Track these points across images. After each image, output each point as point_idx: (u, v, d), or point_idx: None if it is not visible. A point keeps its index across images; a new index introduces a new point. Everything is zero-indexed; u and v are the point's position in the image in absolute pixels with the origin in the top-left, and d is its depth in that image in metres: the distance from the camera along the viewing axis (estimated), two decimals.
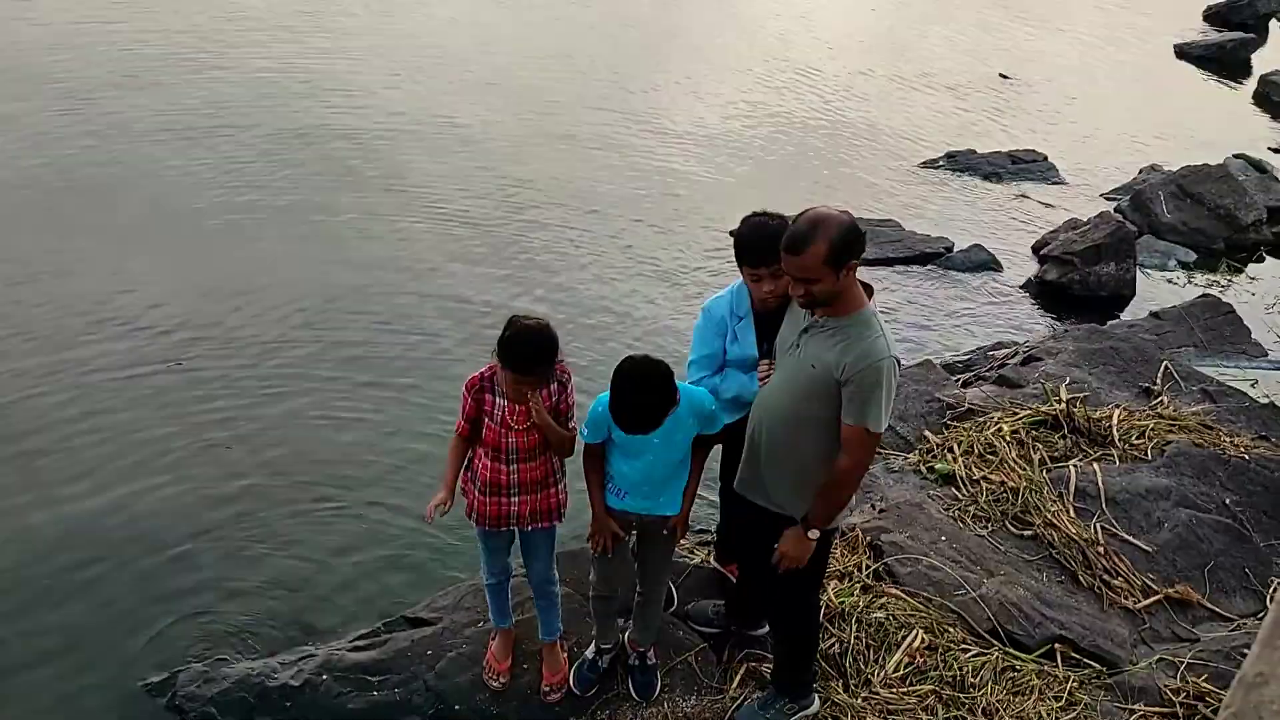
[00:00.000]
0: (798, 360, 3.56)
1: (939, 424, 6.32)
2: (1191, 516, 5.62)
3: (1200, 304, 8.26)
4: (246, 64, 11.20)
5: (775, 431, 3.67)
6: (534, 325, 3.65)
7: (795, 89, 12.87)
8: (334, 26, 12.79)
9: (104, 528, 5.13)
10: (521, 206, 8.97)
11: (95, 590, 4.79)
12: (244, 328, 6.78)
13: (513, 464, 3.85)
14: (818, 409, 3.52)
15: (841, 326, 3.46)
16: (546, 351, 3.64)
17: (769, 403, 3.69)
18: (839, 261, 3.33)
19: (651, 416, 3.61)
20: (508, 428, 3.80)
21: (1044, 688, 4.49)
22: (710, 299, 4.10)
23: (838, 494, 3.62)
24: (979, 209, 10.36)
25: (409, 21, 13.47)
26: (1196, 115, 13.89)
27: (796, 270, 3.37)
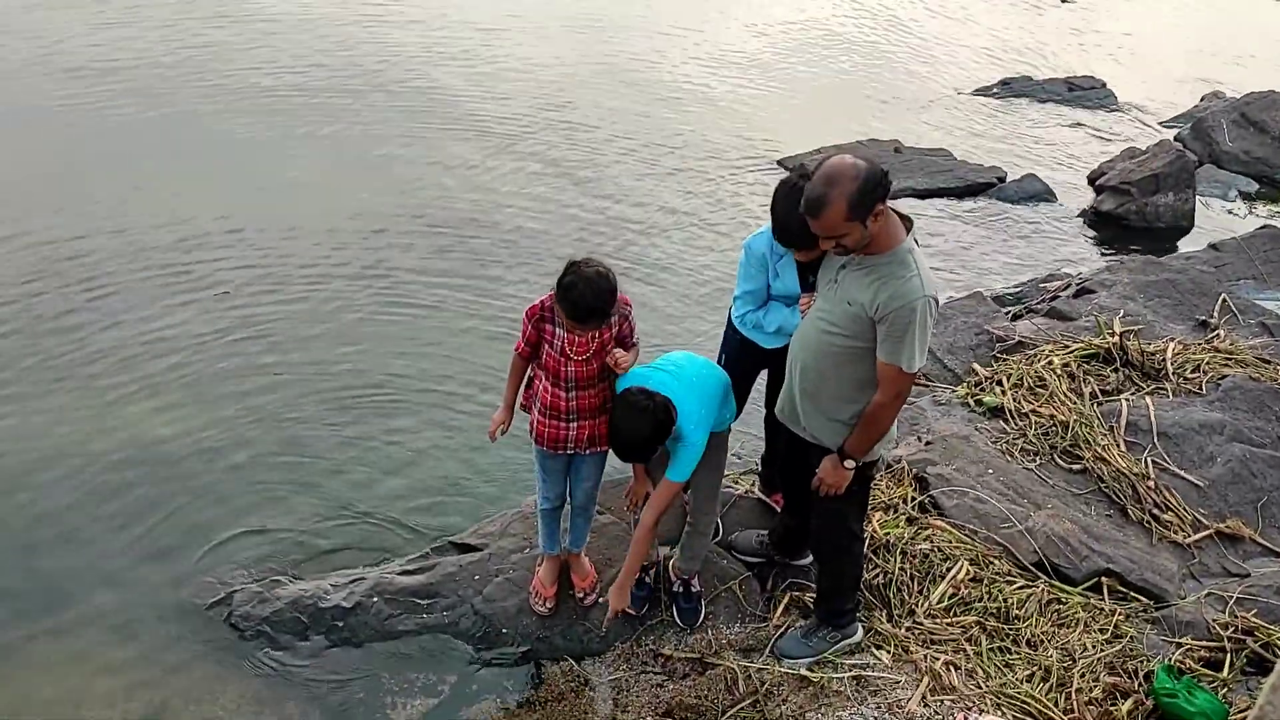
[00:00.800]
0: (836, 295, 3.54)
1: (988, 357, 6.25)
2: (1245, 451, 5.53)
3: (1261, 235, 8.04)
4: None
5: (810, 363, 3.67)
6: (591, 275, 3.59)
7: (846, 14, 12.57)
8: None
9: (160, 452, 5.23)
10: (576, 136, 8.92)
11: (153, 513, 4.89)
12: (294, 256, 6.84)
13: (571, 391, 3.89)
14: (852, 343, 3.52)
15: (876, 265, 3.43)
16: (603, 303, 3.63)
17: (806, 335, 3.69)
18: (862, 213, 3.28)
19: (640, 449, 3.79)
20: (567, 357, 3.82)
21: (1089, 620, 4.48)
22: (751, 236, 4.08)
23: (873, 428, 3.62)
24: (1033, 138, 10.12)
25: None
26: (1264, 39, 13.39)
27: (820, 230, 3.35)
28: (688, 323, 6.56)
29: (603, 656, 4.30)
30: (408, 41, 10.54)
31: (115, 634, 4.33)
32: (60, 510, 4.86)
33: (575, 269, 3.63)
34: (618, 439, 3.77)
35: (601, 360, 3.85)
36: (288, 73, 9.51)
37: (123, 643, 4.30)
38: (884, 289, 3.39)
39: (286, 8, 10.90)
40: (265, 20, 10.55)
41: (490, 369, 5.87)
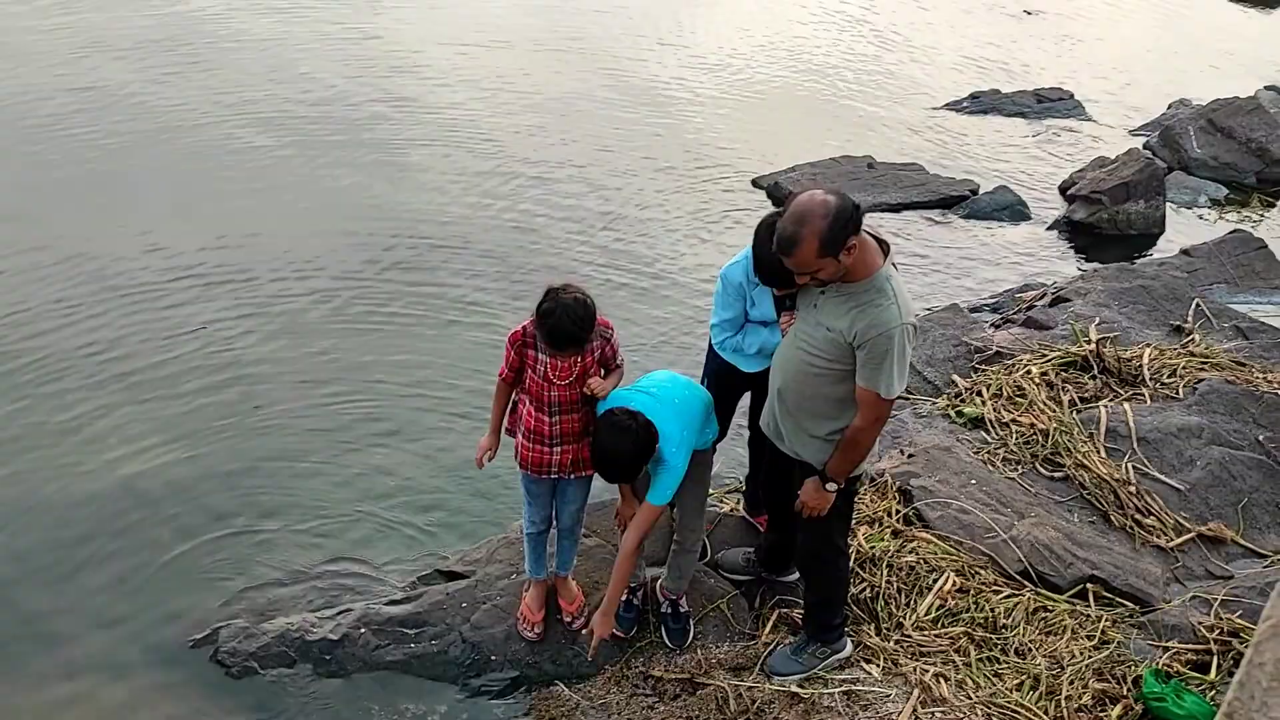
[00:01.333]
0: (815, 320, 3.58)
1: (967, 368, 6.29)
2: (1224, 454, 5.58)
3: (1231, 240, 8.14)
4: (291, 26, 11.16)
5: (790, 384, 3.71)
6: (569, 302, 3.62)
7: (814, 34, 12.69)
8: None
9: (141, 487, 5.20)
10: (552, 155, 8.94)
11: (135, 551, 4.85)
12: (270, 284, 6.81)
13: (554, 415, 3.91)
14: (832, 366, 3.56)
15: (854, 293, 3.46)
16: (581, 330, 3.67)
17: (787, 356, 3.73)
18: (834, 248, 3.31)
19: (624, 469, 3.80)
20: (550, 382, 3.84)
21: (1076, 627, 4.50)
22: (727, 265, 4.13)
23: (853, 451, 3.66)
24: (1004, 150, 10.22)
25: None
26: (1226, 46, 13.59)
27: (794, 267, 3.40)
28: (666, 340, 6.58)
29: (593, 680, 4.28)
30: (382, 60, 10.56)
31: (102, 675, 4.29)
32: (41, 550, 4.82)
33: (554, 295, 3.65)
34: (601, 459, 3.78)
35: (583, 387, 3.88)
36: (260, 95, 9.51)
37: (110, 684, 4.26)
38: (862, 317, 3.42)
39: (260, 29, 10.91)
40: (236, 43, 10.55)
41: (472, 396, 5.87)
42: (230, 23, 11.19)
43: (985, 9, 14.13)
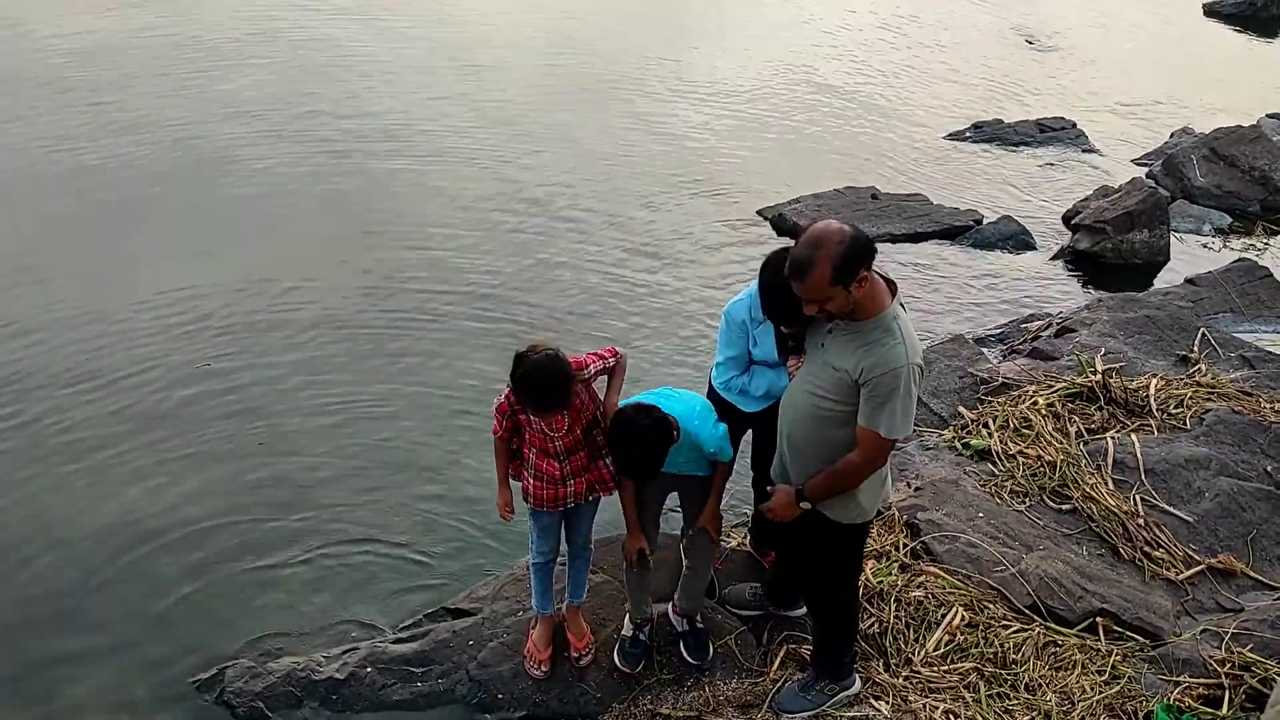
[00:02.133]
0: (821, 360, 3.57)
1: (973, 399, 6.29)
2: (1232, 485, 5.56)
3: (1236, 268, 8.14)
4: (266, 59, 11.27)
5: (798, 426, 3.69)
6: (542, 362, 3.65)
7: (817, 66, 12.77)
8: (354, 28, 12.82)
9: (147, 525, 5.19)
10: (551, 184, 8.98)
11: (140, 588, 4.85)
12: (274, 325, 6.82)
13: (564, 460, 3.98)
14: (839, 408, 3.53)
15: (861, 331, 3.45)
16: (561, 389, 3.69)
17: (795, 399, 3.70)
18: (845, 278, 3.30)
19: (646, 465, 3.79)
20: (549, 435, 3.91)
21: (1086, 662, 4.47)
22: (731, 302, 4.14)
23: (839, 480, 3.60)
24: (1008, 180, 10.25)
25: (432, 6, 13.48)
26: (1227, 75, 13.65)
27: (805, 294, 3.36)
28: (667, 373, 6.56)
29: (600, 718, 4.26)
30: (379, 85, 10.64)
31: (106, 715, 4.27)
32: (48, 590, 4.82)
33: (523, 361, 3.68)
34: (623, 449, 3.78)
35: (584, 423, 3.94)
36: (246, 122, 9.60)
37: None
38: (868, 355, 3.41)
39: (251, 53, 11.02)
40: (226, 67, 10.65)
41: (479, 431, 5.86)
42: (217, 46, 11.30)
43: (987, 40, 14.22)
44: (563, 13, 13.82)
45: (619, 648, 4.42)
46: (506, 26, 13.09)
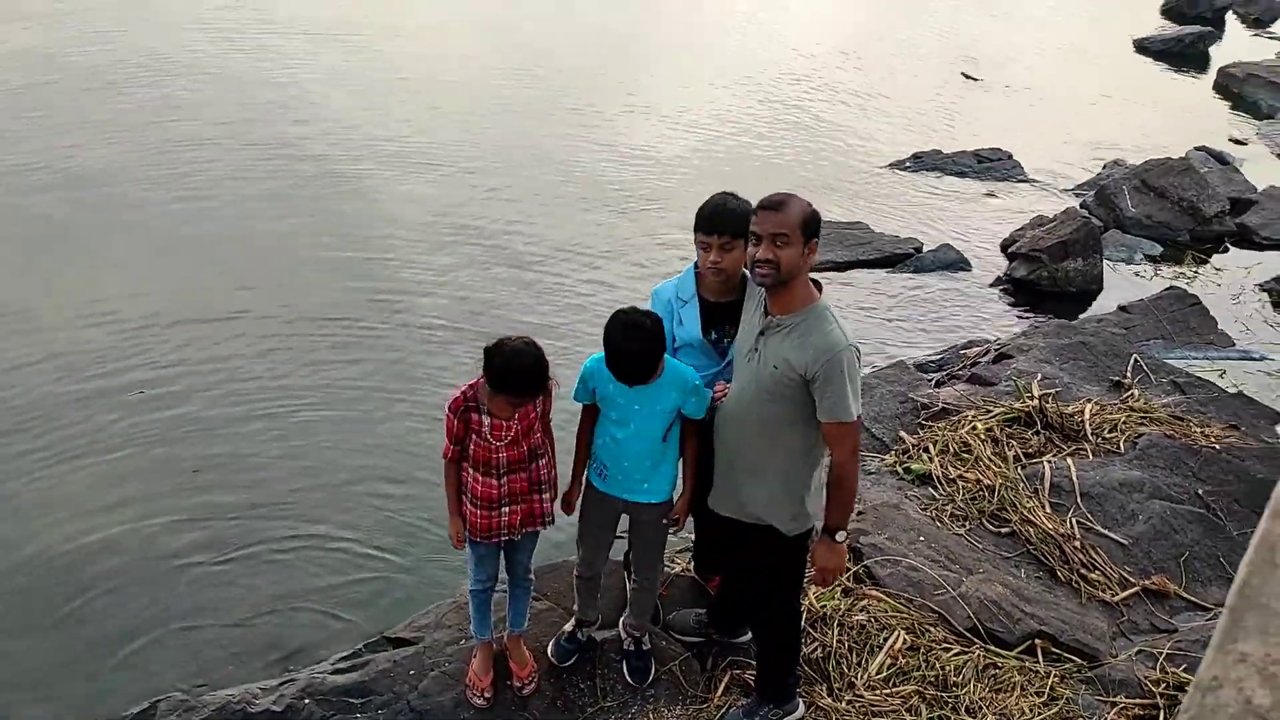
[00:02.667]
0: (759, 364, 3.58)
1: (914, 424, 6.36)
2: (1165, 508, 5.68)
3: (1167, 296, 8.36)
4: (208, 76, 11.14)
5: (748, 439, 3.68)
6: (522, 348, 3.64)
7: (759, 97, 12.93)
8: (300, 49, 12.74)
9: (76, 558, 5.07)
10: (493, 219, 8.97)
11: (71, 621, 4.73)
12: (209, 353, 6.73)
13: (503, 477, 3.90)
14: (788, 408, 3.55)
15: (796, 324, 3.50)
16: (541, 372, 3.69)
17: (736, 412, 3.70)
18: (809, 230, 3.45)
19: (641, 365, 3.65)
20: (493, 444, 3.83)
21: (1025, 684, 4.52)
22: (659, 284, 4.14)
23: (844, 491, 3.61)
24: (946, 209, 10.44)
25: (376, 33, 13.44)
26: (1158, 109, 14.06)
27: (774, 225, 3.42)
28: None
29: None
30: (331, 104, 10.58)
31: None
32: None
33: (502, 345, 3.66)
34: (619, 360, 3.64)
35: (529, 443, 3.87)
36: (192, 146, 9.49)
37: None
38: (809, 344, 3.45)
39: (201, 71, 10.90)
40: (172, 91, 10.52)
41: (416, 459, 5.82)
42: (164, 63, 11.17)
43: (926, 73, 14.51)
44: (518, 35, 13.87)
45: (555, 640, 4.43)
46: (459, 48, 13.08)
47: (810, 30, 15.87)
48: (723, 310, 3.91)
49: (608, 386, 3.83)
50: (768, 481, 3.69)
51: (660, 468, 3.95)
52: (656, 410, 3.82)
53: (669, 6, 16.23)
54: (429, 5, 14.84)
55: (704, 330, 3.95)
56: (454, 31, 13.97)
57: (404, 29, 13.75)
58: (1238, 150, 12.53)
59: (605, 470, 3.98)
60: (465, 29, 14.06)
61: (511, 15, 14.72)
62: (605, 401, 3.86)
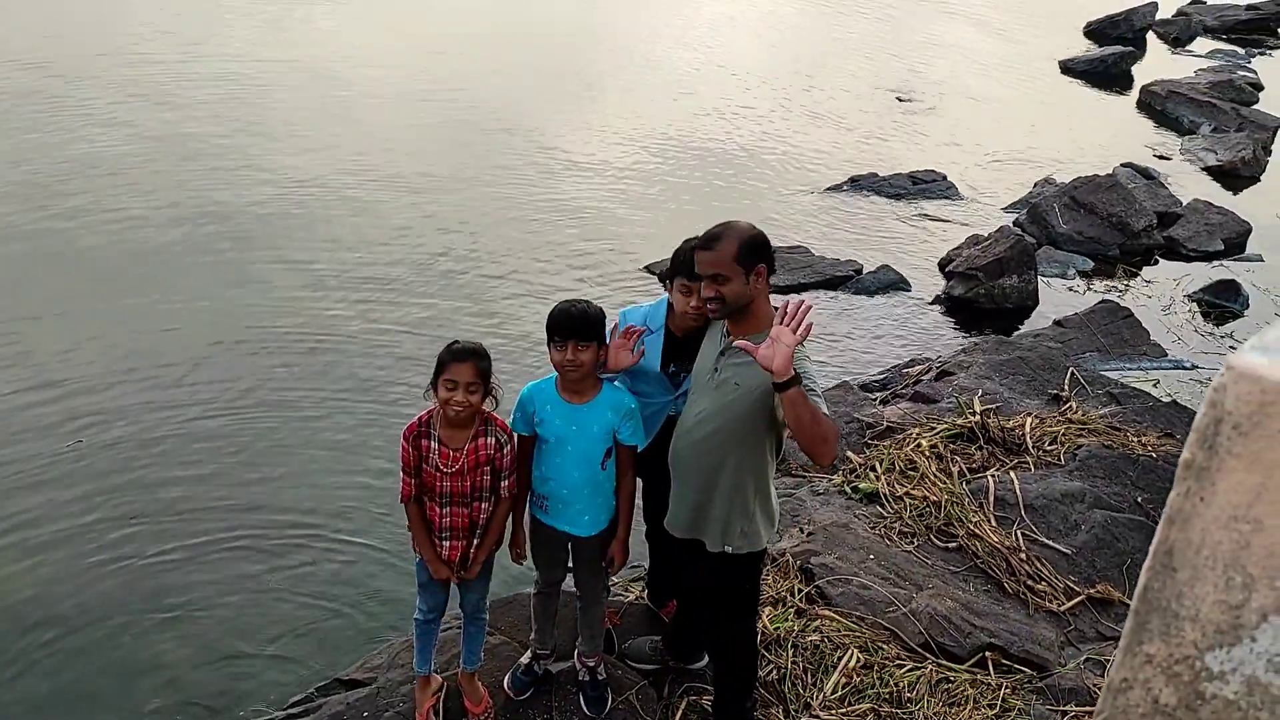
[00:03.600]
0: (719, 384, 3.63)
1: (860, 444, 6.44)
2: (1106, 517, 5.80)
3: (1100, 310, 8.57)
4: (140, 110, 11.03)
5: (705, 459, 3.72)
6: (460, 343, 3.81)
7: (698, 123, 13.07)
8: (222, 71, 12.65)
9: (17, 611, 4.95)
10: (431, 248, 8.96)
11: (8, 673, 4.61)
12: (147, 393, 6.63)
13: (445, 507, 3.88)
14: (747, 424, 3.61)
15: (758, 344, 3.53)
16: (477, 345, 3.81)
17: (695, 434, 3.74)
18: (748, 261, 3.50)
19: (586, 310, 3.77)
20: (440, 471, 3.83)
21: (978, 696, 4.58)
22: (629, 307, 4.18)
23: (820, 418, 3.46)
24: (885, 230, 10.61)
25: (300, 54, 13.39)
26: (1084, 127, 14.44)
27: (709, 266, 3.51)
28: None
29: None
30: (257, 133, 10.51)
31: None
32: None
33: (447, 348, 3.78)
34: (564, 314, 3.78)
35: (475, 479, 3.86)
36: (104, 173, 9.39)
37: None
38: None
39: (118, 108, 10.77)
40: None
41: (366, 494, 5.77)
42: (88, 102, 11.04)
43: (860, 98, 14.76)
44: (447, 66, 13.89)
45: (511, 673, 4.40)
46: (384, 76, 13.07)
47: (741, 58, 16.08)
48: (685, 344, 3.99)
49: (545, 409, 3.88)
50: (718, 499, 3.73)
51: (598, 498, 3.98)
52: (593, 432, 3.87)
53: (590, 38, 16.35)
54: (356, 30, 14.82)
55: (663, 363, 4.02)
56: (386, 53, 13.96)
57: (337, 55, 13.72)
58: (1162, 165, 12.90)
59: (545, 503, 4.00)
60: (394, 52, 14.06)
61: (445, 40, 14.74)
62: (543, 426, 3.89)
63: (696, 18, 17.98)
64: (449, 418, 3.77)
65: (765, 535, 3.83)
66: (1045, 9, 20.23)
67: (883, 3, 19.76)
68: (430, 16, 16.31)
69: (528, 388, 3.94)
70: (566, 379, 3.86)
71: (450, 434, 3.82)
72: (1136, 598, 1.00)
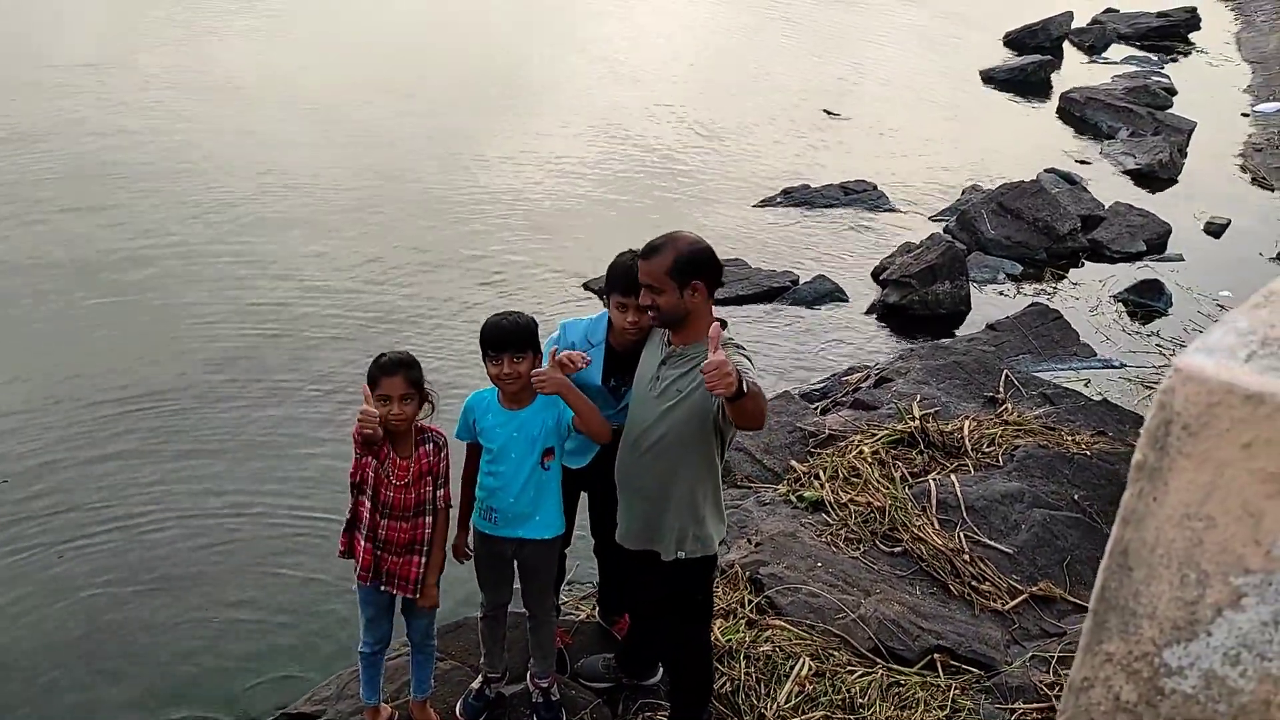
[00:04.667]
0: (661, 393, 3.67)
1: (803, 453, 6.50)
2: (1045, 515, 5.91)
3: (1031, 312, 8.75)
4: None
5: (651, 467, 3.75)
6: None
7: (628, 139, 13.11)
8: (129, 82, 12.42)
9: None
10: (356, 267, 8.87)
11: None
12: (67, 421, 6.46)
13: (385, 518, 3.86)
14: (691, 428, 3.64)
15: (701, 351, 3.55)
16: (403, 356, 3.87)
17: (642, 444, 3.76)
18: (683, 276, 3.52)
19: (517, 323, 3.83)
20: (388, 480, 3.81)
21: (928, 699, 4.63)
22: (569, 319, 4.19)
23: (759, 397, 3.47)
24: (819, 240, 10.73)
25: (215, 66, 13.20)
26: (1007, 135, 14.77)
27: (644, 276, 3.57)
28: None
29: None
30: (163, 152, 10.33)
31: None
32: None
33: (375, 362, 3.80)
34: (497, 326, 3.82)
35: (419, 490, 3.84)
36: (35, 206, 9.16)
37: None
38: None
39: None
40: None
41: (297, 523, 5.68)
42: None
43: (786, 112, 14.92)
44: (367, 70, 13.78)
45: (462, 699, 4.37)
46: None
47: (666, 73, 16.17)
48: (625, 359, 4.00)
49: (486, 417, 3.94)
50: (670, 506, 3.75)
51: (544, 500, 3.99)
52: (534, 434, 3.91)
53: (513, 58, 16.32)
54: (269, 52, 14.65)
55: (604, 378, 4.03)
56: (300, 67, 13.82)
57: (253, 69, 13.54)
58: (1084, 170, 13.21)
59: (494, 514, 3.99)
60: (310, 65, 13.93)
61: (368, 53, 14.63)
62: (485, 435, 3.94)
63: (620, 30, 18.04)
64: (389, 430, 3.76)
65: (717, 537, 3.87)
66: (963, 17, 20.66)
67: (803, 11, 20.01)
68: (352, 28, 16.16)
69: (471, 396, 4.02)
70: (505, 391, 3.88)
71: (398, 445, 3.82)
72: (1094, 597, 1.02)
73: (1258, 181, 13.23)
